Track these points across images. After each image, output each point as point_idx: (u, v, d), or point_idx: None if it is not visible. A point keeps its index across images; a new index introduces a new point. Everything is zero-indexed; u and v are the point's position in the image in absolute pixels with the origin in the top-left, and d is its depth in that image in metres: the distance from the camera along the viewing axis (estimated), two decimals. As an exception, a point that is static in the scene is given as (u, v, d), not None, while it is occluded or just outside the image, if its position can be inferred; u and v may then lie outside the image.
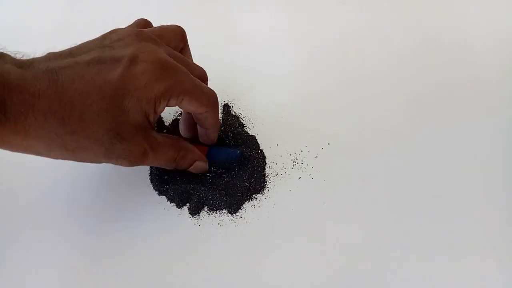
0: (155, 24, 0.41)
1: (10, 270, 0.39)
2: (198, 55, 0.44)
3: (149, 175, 0.43)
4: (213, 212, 0.41)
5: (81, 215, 0.41)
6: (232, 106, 0.48)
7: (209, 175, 0.42)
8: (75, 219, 0.41)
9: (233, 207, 0.41)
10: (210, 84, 0.50)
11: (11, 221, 0.41)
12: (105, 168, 0.44)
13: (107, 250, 0.39)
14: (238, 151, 0.41)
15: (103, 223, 0.41)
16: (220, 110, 0.47)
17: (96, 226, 0.41)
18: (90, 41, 0.34)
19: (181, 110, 0.47)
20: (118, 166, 0.41)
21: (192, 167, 0.38)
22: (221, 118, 0.47)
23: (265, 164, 0.44)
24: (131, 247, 0.39)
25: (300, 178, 0.43)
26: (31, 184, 0.43)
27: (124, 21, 0.38)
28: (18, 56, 0.31)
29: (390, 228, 0.40)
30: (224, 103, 0.48)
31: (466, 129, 0.47)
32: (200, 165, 0.39)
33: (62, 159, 0.32)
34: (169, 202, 0.42)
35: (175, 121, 0.46)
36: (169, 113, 0.47)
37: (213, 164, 0.41)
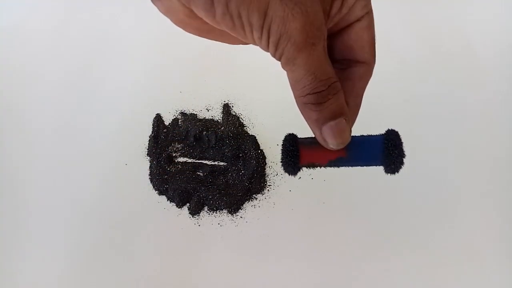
0: (156, 25, 0.41)
1: (10, 269, 0.39)
2: (199, 55, 0.44)
3: (149, 175, 0.43)
4: (213, 212, 0.41)
5: (81, 215, 0.41)
6: (232, 106, 0.48)
7: (209, 176, 0.43)
8: (75, 218, 0.41)
9: (233, 207, 0.41)
10: (210, 84, 0.50)
11: (11, 221, 0.41)
12: (106, 168, 0.44)
13: (107, 249, 0.39)
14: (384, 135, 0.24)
15: (103, 222, 0.41)
16: (220, 110, 0.47)
17: (96, 226, 0.41)
18: None
19: (180, 110, 0.47)
20: (118, 165, 0.41)
21: (333, 122, 0.22)
22: (221, 118, 0.47)
23: (265, 164, 0.44)
24: (131, 247, 0.39)
25: (300, 178, 0.43)
26: (31, 184, 0.43)
27: (124, 22, 0.38)
28: None
29: (390, 227, 0.41)
30: (224, 103, 0.48)
31: (466, 130, 0.47)
32: (344, 126, 0.22)
33: None
34: (169, 202, 0.42)
35: (175, 121, 0.46)
36: (169, 113, 0.47)
37: (351, 160, 0.25)
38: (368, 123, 0.47)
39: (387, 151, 0.23)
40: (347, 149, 0.23)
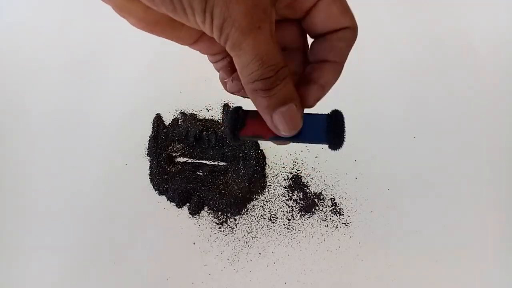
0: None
1: (10, 269, 0.39)
2: (199, 55, 0.43)
3: (149, 175, 0.43)
4: (213, 212, 0.41)
5: (81, 215, 0.41)
6: (232, 106, 0.48)
7: (209, 176, 0.43)
8: (75, 218, 0.41)
9: (233, 207, 0.41)
10: (210, 84, 0.50)
11: (11, 221, 0.41)
12: (106, 168, 0.44)
13: (107, 249, 0.39)
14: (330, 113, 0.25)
15: (103, 222, 0.41)
16: (220, 110, 0.47)
17: (96, 226, 0.41)
18: None
19: (180, 110, 0.48)
20: (118, 165, 0.41)
21: (284, 108, 0.21)
22: (221, 118, 0.47)
23: (265, 164, 0.44)
24: (131, 247, 0.39)
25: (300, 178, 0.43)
26: (32, 184, 0.43)
27: (125, 21, 0.38)
28: None
29: (390, 227, 0.41)
30: (224, 103, 0.48)
31: (466, 129, 0.47)
32: (294, 112, 0.22)
33: None
34: (169, 202, 0.42)
35: (175, 121, 0.46)
36: (169, 113, 0.47)
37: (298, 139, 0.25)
38: (368, 122, 0.47)
39: (329, 128, 0.24)
40: None
